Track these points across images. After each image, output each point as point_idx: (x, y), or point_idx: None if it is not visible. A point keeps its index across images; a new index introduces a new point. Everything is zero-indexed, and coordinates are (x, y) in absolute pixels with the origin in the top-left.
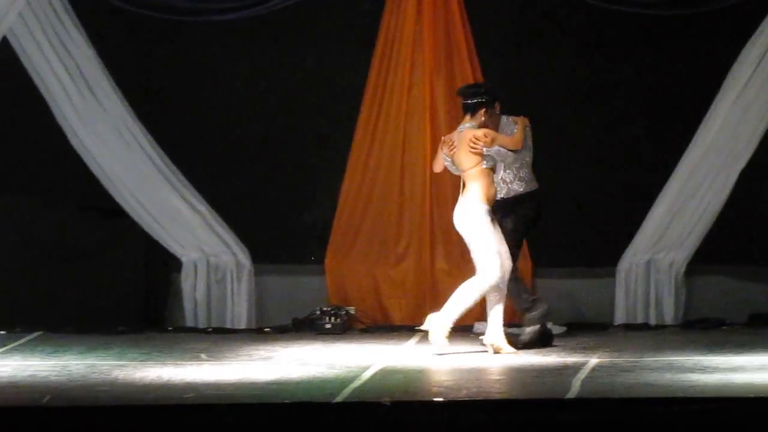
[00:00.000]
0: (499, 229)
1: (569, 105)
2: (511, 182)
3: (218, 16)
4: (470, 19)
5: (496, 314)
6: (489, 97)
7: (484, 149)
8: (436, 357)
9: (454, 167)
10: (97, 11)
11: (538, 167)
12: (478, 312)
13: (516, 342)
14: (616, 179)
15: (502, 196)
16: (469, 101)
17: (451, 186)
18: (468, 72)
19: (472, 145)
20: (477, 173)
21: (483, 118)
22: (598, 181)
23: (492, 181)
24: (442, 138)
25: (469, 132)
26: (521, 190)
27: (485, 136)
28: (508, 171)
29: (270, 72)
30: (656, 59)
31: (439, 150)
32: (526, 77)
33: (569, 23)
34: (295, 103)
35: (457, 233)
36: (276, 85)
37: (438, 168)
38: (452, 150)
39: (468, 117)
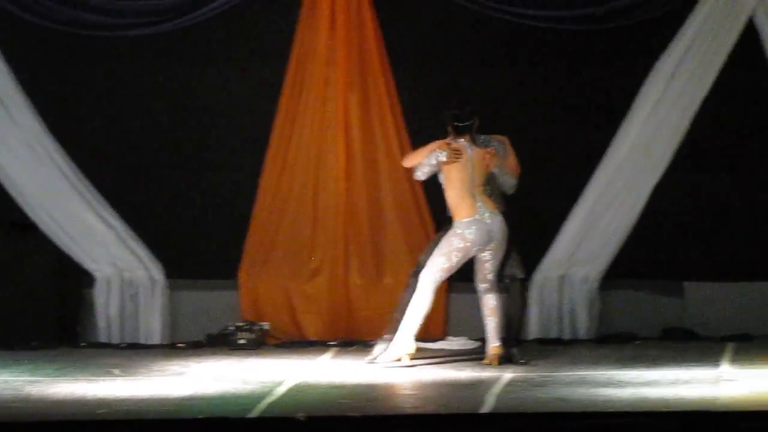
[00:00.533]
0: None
1: (483, 121)
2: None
3: (127, 32)
4: (384, 35)
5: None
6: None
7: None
8: (351, 372)
9: (424, 174)
10: (9, 25)
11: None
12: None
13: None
14: (530, 193)
15: None
16: (468, 123)
17: (365, 201)
18: (382, 89)
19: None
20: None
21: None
22: (511, 195)
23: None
24: (446, 142)
25: (484, 151)
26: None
27: (494, 156)
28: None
29: (182, 88)
30: (568, 75)
31: (425, 150)
32: (439, 93)
33: (480, 39)
34: (207, 119)
35: (374, 247)
36: (188, 101)
37: (411, 163)
38: (454, 160)
39: (459, 136)
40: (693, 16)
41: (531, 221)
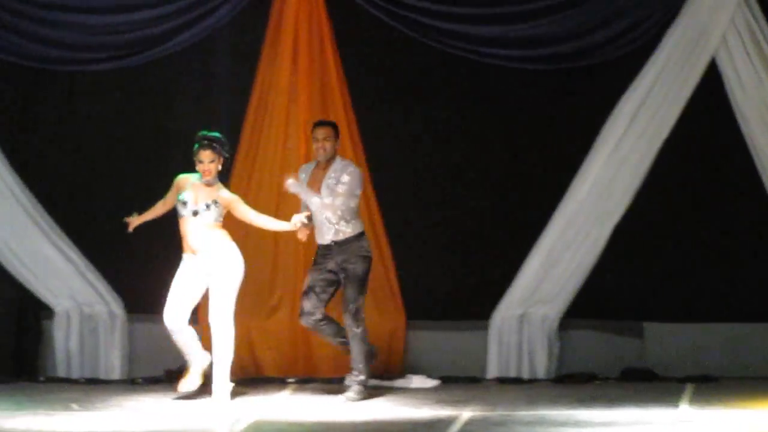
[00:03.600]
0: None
1: (443, 158)
2: (337, 223)
3: (89, 66)
4: (345, 70)
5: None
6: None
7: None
8: (309, 410)
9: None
10: None
11: (411, 219)
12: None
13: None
14: (490, 232)
15: (331, 238)
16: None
17: None
18: (344, 124)
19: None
20: None
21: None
22: (472, 234)
23: (181, 230)
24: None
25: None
26: (350, 231)
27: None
28: (328, 213)
29: (144, 121)
30: (531, 113)
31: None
32: (401, 130)
33: (444, 76)
34: (169, 152)
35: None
36: (151, 135)
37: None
38: None
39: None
40: (655, 56)
41: (491, 260)
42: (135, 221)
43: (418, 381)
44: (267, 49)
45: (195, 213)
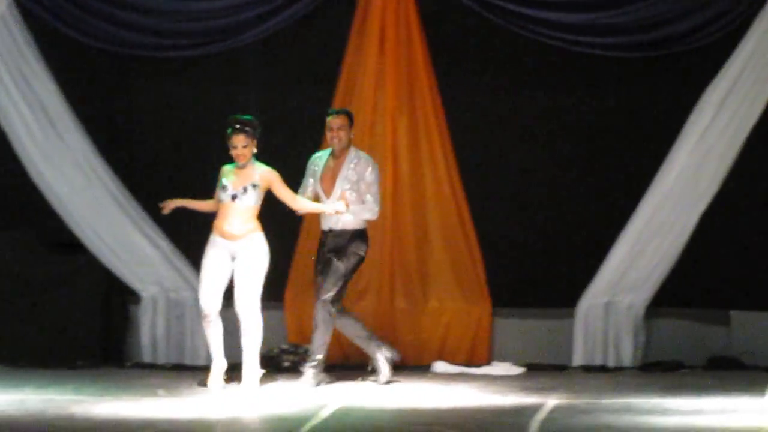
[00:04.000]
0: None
1: (531, 145)
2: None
3: (177, 53)
4: (432, 57)
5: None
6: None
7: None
8: (395, 396)
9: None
10: (60, 46)
11: (498, 206)
12: (437, 351)
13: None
14: (577, 220)
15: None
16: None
17: (412, 224)
18: (430, 111)
19: None
20: None
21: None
22: (559, 221)
23: (219, 214)
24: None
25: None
26: (333, 226)
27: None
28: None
29: (231, 109)
30: (618, 101)
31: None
32: (487, 116)
33: (532, 64)
34: (257, 140)
35: (420, 271)
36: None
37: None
38: None
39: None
40: (742, 45)
41: (578, 247)
42: (172, 204)
43: (503, 368)
44: (354, 36)
45: (234, 197)
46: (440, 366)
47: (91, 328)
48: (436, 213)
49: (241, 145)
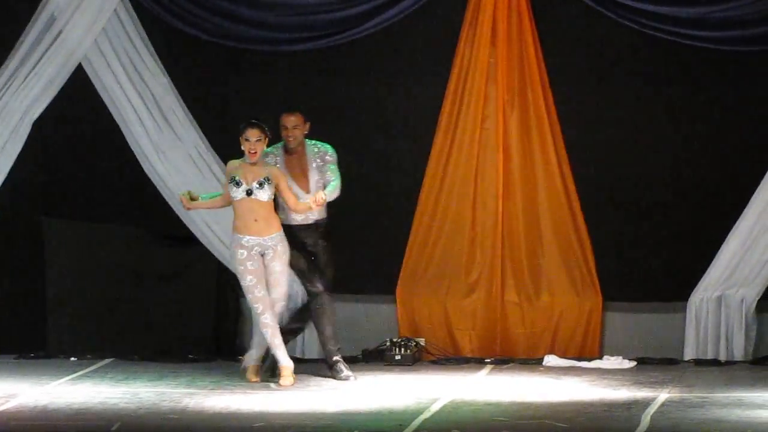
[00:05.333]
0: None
1: (641, 138)
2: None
3: (289, 47)
4: (544, 51)
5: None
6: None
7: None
8: (506, 390)
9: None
10: (172, 39)
11: (608, 200)
12: (548, 344)
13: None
14: (689, 213)
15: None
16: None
17: (523, 218)
18: (541, 105)
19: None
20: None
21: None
22: (669, 214)
23: (241, 213)
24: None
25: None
26: (318, 216)
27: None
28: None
29: (342, 103)
30: (730, 96)
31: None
32: (598, 110)
33: (644, 58)
34: (367, 133)
35: (531, 264)
36: (348, 116)
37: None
38: None
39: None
40: None
41: (689, 241)
42: (191, 204)
43: (614, 362)
44: (466, 29)
45: (249, 192)
46: (551, 360)
47: (204, 321)
48: (547, 206)
49: (255, 138)
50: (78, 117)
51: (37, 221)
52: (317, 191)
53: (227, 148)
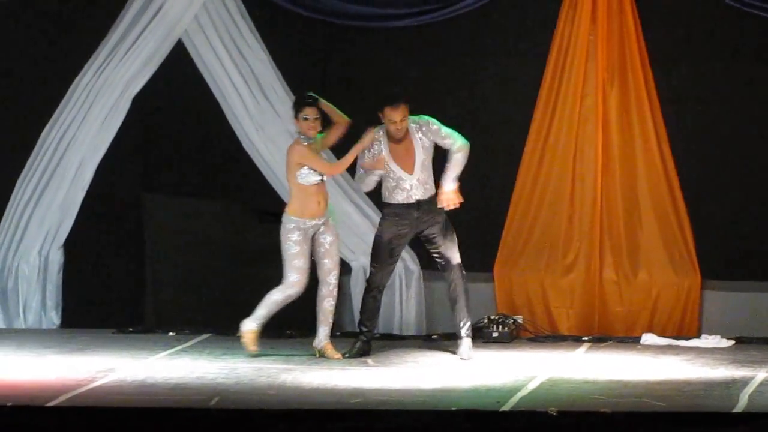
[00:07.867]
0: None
1: (746, 117)
2: (425, 182)
3: (387, 23)
4: (644, 30)
5: (323, 318)
6: None
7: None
8: (604, 368)
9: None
10: (272, 16)
11: (707, 178)
12: (646, 323)
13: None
14: None
15: (419, 198)
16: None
17: (621, 196)
18: (641, 83)
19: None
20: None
21: None
22: (746, 196)
23: (308, 197)
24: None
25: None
26: (421, 196)
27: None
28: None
29: (442, 79)
30: None
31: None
32: (697, 89)
33: (744, 36)
34: (467, 110)
35: (629, 243)
36: (448, 93)
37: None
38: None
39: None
40: None
41: None
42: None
43: (713, 341)
44: (565, 8)
45: (322, 174)
46: (649, 338)
47: (302, 297)
48: (646, 185)
49: (313, 116)
50: (177, 92)
51: (137, 196)
52: (441, 193)
53: (325, 124)
